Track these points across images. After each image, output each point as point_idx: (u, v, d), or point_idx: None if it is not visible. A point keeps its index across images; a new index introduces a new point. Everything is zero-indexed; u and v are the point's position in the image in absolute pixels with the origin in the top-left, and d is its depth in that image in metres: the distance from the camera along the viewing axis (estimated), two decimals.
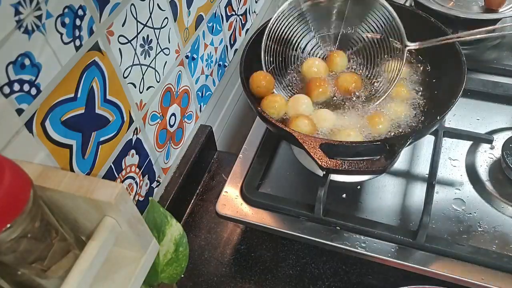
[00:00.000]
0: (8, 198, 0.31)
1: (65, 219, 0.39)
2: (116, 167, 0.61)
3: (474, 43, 0.94)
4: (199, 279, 0.70)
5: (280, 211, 0.68)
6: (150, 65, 0.63)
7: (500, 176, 0.72)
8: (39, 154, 0.47)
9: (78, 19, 0.48)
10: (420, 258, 0.62)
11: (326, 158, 0.58)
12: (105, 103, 0.55)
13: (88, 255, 0.36)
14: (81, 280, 0.35)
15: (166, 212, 0.57)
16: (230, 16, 0.86)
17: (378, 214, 0.68)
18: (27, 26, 0.42)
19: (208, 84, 0.84)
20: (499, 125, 0.79)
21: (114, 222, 0.38)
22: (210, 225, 0.76)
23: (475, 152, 0.76)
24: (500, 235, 0.65)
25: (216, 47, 0.84)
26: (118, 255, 0.42)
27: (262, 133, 0.79)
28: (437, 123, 0.63)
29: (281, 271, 0.69)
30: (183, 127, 0.78)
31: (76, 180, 0.37)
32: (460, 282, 0.60)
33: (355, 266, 0.68)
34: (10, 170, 0.31)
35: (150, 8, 0.60)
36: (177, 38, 0.69)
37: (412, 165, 0.75)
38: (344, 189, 0.72)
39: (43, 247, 0.36)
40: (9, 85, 0.41)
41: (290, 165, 0.76)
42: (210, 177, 0.83)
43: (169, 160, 0.75)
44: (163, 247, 0.56)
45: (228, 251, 0.72)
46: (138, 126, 0.64)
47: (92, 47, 0.51)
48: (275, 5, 1.09)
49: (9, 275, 0.38)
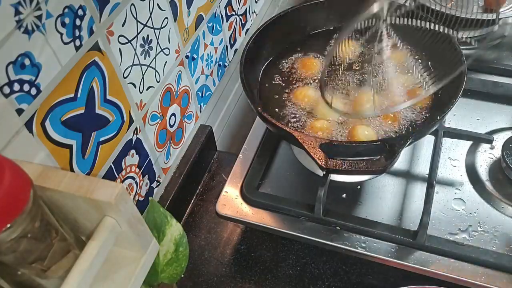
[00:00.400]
0: (8, 198, 0.31)
1: (65, 219, 0.39)
2: (116, 167, 0.61)
3: (474, 43, 0.94)
4: (199, 279, 0.70)
5: (280, 211, 0.68)
6: (150, 65, 0.63)
7: (500, 176, 0.72)
8: (39, 154, 0.47)
9: (78, 19, 0.48)
10: (420, 258, 0.62)
11: (326, 158, 0.58)
12: (105, 103, 0.55)
13: (88, 255, 0.36)
14: (81, 280, 0.35)
15: (166, 212, 0.57)
16: (230, 16, 0.86)
17: (378, 214, 0.68)
18: (27, 26, 0.42)
19: (208, 84, 0.84)
20: (499, 125, 0.79)
21: (114, 222, 0.38)
22: (210, 225, 0.76)
23: (475, 152, 0.76)
24: (500, 235, 0.65)
25: (216, 47, 0.84)
26: (118, 255, 0.42)
27: (262, 133, 0.79)
28: (437, 123, 0.63)
29: (281, 271, 0.69)
30: (183, 127, 0.78)
31: (76, 180, 0.37)
32: (460, 282, 0.60)
33: (355, 266, 0.68)
34: (10, 170, 0.31)
35: (150, 8, 0.60)
36: (177, 38, 0.69)
37: (412, 165, 0.75)
38: (344, 189, 0.72)
39: (43, 247, 0.36)
40: (9, 85, 0.41)
41: (290, 165, 0.76)
42: (210, 177, 0.83)
43: (169, 160, 0.75)
44: (163, 247, 0.56)
45: (228, 251, 0.72)
46: (138, 126, 0.64)
47: (92, 47, 0.51)
48: (275, 5, 1.09)
49: (9, 275, 0.38)
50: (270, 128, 0.67)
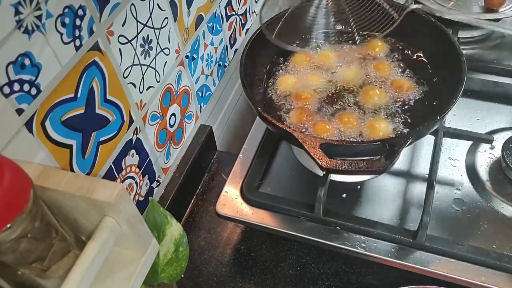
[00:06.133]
0: (8, 198, 0.31)
1: (65, 219, 0.39)
2: (116, 167, 0.61)
3: (474, 43, 0.94)
4: (199, 279, 0.70)
5: (280, 211, 0.68)
6: (150, 65, 0.63)
7: (500, 176, 0.72)
8: (39, 154, 0.47)
9: (78, 19, 0.48)
10: (420, 258, 0.62)
11: (326, 158, 0.58)
12: (105, 103, 0.55)
13: (88, 255, 0.36)
14: (81, 280, 0.35)
15: (166, 212, 0.57)
16: (230, 16, 0.86)
17: (378, 214, 0.68)
18: (27, 26, 0.42)
19: (208, 84, 0.84)
20: (499, 125, 0.79)
21: (114, 222, 0.38)
22: (210, 225, 0.76)
23: (475, 152, 0.76)
24: (500, 235, 0.65)
25: (216, 47, 0.84)
26: (118, 255, 0.42)
27: (262, 133, 0.79)
28: (437, 123, 0.63)
29: (281, 271, 0.69)
30: (183, 127, 0.78)
31: (76, 180, 0.37)
32: (460, 282, 0.60)
33: (355, 266, 0.68)
34: (10, 170, 0.31)
35: (150, 8, 0.60)
36: (177, 38, 0.69)
37: (412, 165, 0.75)
38: (344, 189, 0.72)
39: (43, 247, 0.36)
40: (9, 85, 0.41)
41: (290, 165, 0.76)
42: (210, 177, 0.83)
43: (169, 160, 0.75)
44: (163, 247, 0.56)
45: (228, 251, 0.72)
46: (138, 126, 0.64)
47: (92, 47, 0.51)
48: (275, 5, 1.09)
49: (9, 275, 0.38)
50: (270, 128, 0.67)
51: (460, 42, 0.71)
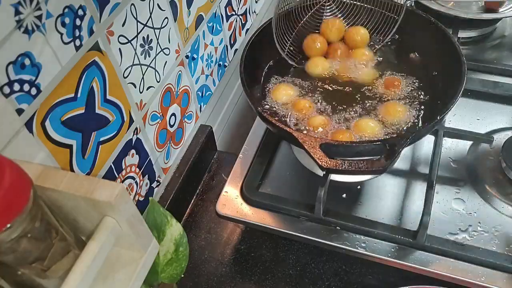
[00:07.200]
0: (8, 198, 0.31)
1: (65, 219, 0.39)
2: (116, 167, 0.61)
3: (474, 43, 0.94)
4: (199, 279, 0.70)
5: (280, 211, 0.68)
6: (150, 65, 0.63)
7: (500, 176, 0.72)
8: (39, 154, 0.47)
9: (78, 19, 0.48)
10: (420, 258, 0.62)
11: (326, 158, 0.58)
12: (105, 103, 0.55)
13: (88, 255, 0.36)
14: (81, 280, 0.35)
15: (166, 212, 0.57)
16: (230, 16, 0.86)
17: (378, 214, 0.68)
18: (27, 26, 0.42)
19: (208, 84, 0.84)
20: (499, 125, 0.79)
21: (114, 222, 0.38)
22: (210, 225, 0.76)
23: (475, 152, 0.76)
24: (500, 235, 0.65)
25: (216, 47, 0.84)
26: (118, 255, 0.42)
27: (262, 133, 0.79)
28: (437, 123, 0.63)
29: (281, 271, 0.69)
30: (183, 127, 0.78)
31: (76, 180, 0.37)
32: (460, 282, 0.60)
33: (355, 266, 0.68)
34: (10, 170, 0.31)
35: (150, 8, 0.60)
36: (177, 38, 0.69)
37: (412, 165, 0.75)
38: (344, 189, 0.72)
39: (43, 247, 0.36)
40: (9, 85, 0.41)
41: (290, 165, 0.76)
42: (210, 177, 0.83)
43: (169, 160, 0.75)
44: (163, 247, 0.56)
45: (228, 251, 0.72)
46: (138, 126, 0.64)
47: (92, 47, 0.51)
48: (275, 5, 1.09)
49: (9, 275, 0.38)
50: (270, 128, 0.67)
51: (460, 42, 0.71)
